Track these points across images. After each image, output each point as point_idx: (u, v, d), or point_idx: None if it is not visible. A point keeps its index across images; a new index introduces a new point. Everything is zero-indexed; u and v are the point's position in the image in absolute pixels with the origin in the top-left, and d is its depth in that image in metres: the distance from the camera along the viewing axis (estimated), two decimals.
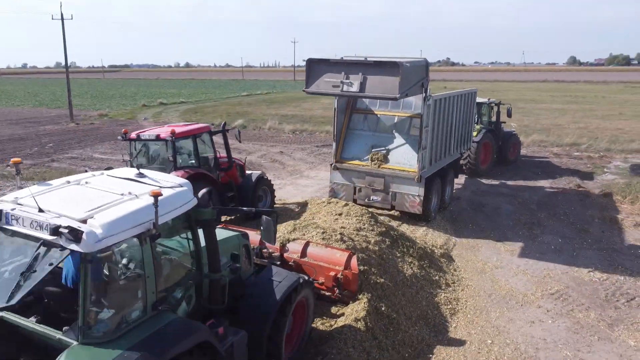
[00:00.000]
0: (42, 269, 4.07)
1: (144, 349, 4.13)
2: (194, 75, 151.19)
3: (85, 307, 4.10)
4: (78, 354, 4.04)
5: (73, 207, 4.37)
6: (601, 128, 31.50)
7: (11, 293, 3.97)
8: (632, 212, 14.30)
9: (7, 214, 4.35)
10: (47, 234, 4.08)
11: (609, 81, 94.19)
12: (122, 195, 4.67)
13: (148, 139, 11.07)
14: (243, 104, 49.87)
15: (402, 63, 10.29)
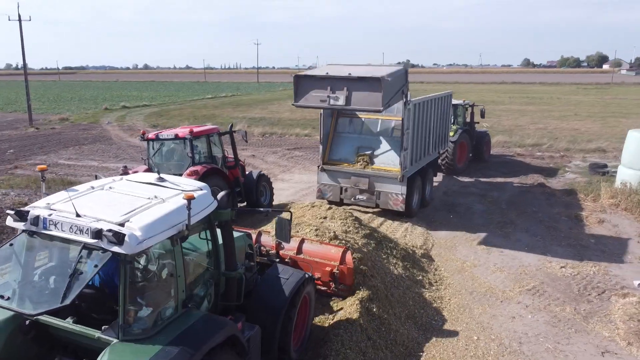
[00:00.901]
0: (88, 270, 4.19)
1: (181, 344, 4.33)
2: (154, 78, 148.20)
3: (124, 306, 4.28)
4: (120, 351, 4.20)
5: (108, 212, 4.52)
6: (559, 128, 32.88)
7: (64, 294, 4.06)
8: (595, 209, 15.05)
9: (44, 219, 4.42)
10: (88, 238, 4.23)
11: (562, 83, 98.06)
12: (149, 200, 4.85)
13: (167, 138, 12.33)
14: (208, 107, 49.38)
15: (384, 78, 10.78)
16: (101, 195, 4.97)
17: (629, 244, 12.37)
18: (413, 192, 13.82)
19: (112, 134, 31.19)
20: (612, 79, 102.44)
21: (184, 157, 12.37)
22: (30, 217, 4.46)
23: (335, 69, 11.97)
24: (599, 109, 46.09)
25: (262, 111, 45.24)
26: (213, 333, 4.66)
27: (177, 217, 4.64)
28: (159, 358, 4.17)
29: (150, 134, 12.60)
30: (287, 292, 6.24)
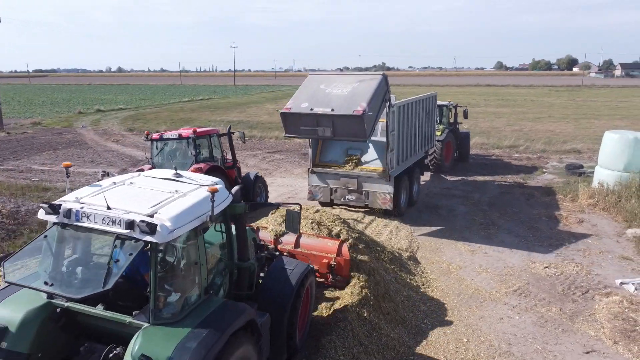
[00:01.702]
0: (123, 259, 4.43)
1: (208, 327, 4.63)
2: (128, 81, 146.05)
3: (155, 292, 4.57)
4: (152, 334, 4.47)
5: (136, 205, 4.80)
6: (534, 130, 33.49)
7: (105, 279, 4.30)
8: (574, 210, 15.32)
9: (77, 212, 4.65)
10: (121, 229, 4.49)
11: (535, 85, 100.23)
12: (172, 193, 5.18)
13: (171, 138, 13.20)
14: (185, 110, 48.79)
15: (365, 114, 11.40)
16: (125, 190, 5.23)
17: (608, 243, 12.61)
18: (400, 191, 14.22)
19: (88, 138, 30.53)
20: (583, 82, 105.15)
21: (187, 156, 13.10)
22: (62, 210, 4.68)
23: (319, 99, 12.27)
24: (571, 110, 47.17)
25: (240, 114, 44.93)
26: (235, 317, 4.97)
27: (201, 209, 4.98)
28: (189, 340, 4.43)
29: (154, 134, 13.49)
30: (294, 282, 6.51)
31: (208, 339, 4.49)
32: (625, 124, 35.65)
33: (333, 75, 13.48)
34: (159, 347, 4.32)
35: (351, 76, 13.09)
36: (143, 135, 13.59)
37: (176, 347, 4.33)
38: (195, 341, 4.41)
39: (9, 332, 4.62)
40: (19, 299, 4.89)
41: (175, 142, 13.36)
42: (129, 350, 4.36)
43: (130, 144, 28.69)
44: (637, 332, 8.33)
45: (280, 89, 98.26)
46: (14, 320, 4.67)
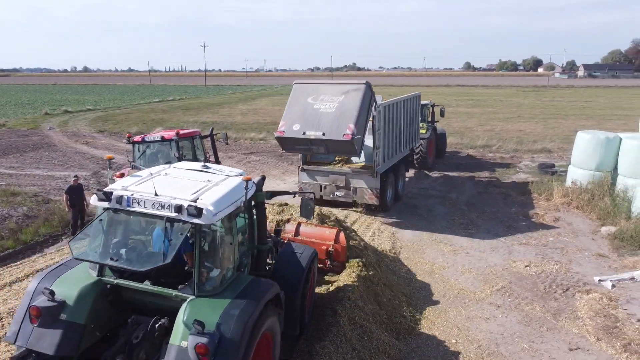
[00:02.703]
0: (175, 238, 5.06)
1: (245, 299, 5.22)
2: (95, 80, 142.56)
3: (199, 268, 5.16)
4: (198, 304, 5.08)
5: (178, 191, 5.38)
6: (505, 130, 34.16)
7: (163, 255, 4.95)
8: (549, 208, 15.66)
9: (128, 198, 5.20)
10: (170, 212, 5.06)
11: (503, 85, 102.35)
12: (206, 182, 5.75)
13: (153, 140, 13.03)
14: (157, 111, 47.90)
15: (354, 138, 12.41)
16: (163, 179, 5.76)
17: (584, 241, 12.92)
18: (387, 187, 14.85)
19: (56, 140, 29.61)
20: (548, 82, 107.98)
21: (169, 158, 12.73)
22: (114, 197, 5.23)
23: (309, 118, 13.14)
24: (539, 110, 48.33)
25: (214, 115, 44.38)
26: (266, 291, 5.58)
27: (236, 196, 5.63)
28: (232, 308, 5.05)
29: (136, 136, 13.32)
30: (304, 264, 7.11)
31: (247, 308, 5.11)
32: (591, 124, 36.72)
33: (318, 85, 14.02)
34: (207, 315, 4.92)
35: (336, 86, 13.61)
36: (125, 137, 13.55)
37: (222, 314, 4.97)
38: (237, 309, 5.04)
39: (67, 305, 5.16)
40: (72, 277, 5.46)
41: (158, 144, 13.17)
42: (179, 318, 4.96)
43: (101, 146, 27.96)
44: (618, 328, 8.54)
45: (252, 89, 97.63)
46: (71, 295, 5.22)
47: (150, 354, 5.30)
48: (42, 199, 16.26)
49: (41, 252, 11.93)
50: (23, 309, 5.19)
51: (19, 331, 5.07)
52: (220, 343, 4.79)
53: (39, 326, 5.04)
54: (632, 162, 14.76)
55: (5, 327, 7.93)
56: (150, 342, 5.29)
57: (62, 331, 5.03)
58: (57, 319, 5.08)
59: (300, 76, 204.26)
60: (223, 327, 4.88)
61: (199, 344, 4.69)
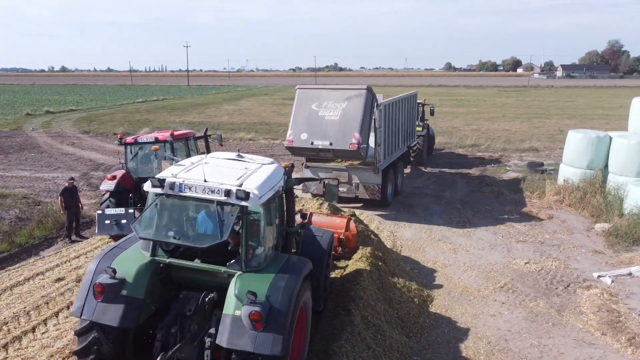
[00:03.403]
0: (226, 219, 5.67)
1: (287, 273, 5.79)
2: (75, 81, 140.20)
3: (246, 246, 5.73)
4: (247, 278, 5.62)
5: (224, 178, 5.89)
6: (492, 129, 34.58)
7: (220, 233, 5.53)
8: (542, 206, 15.91)
9: (180, 184, 5.74)
10: (220, 196, 5.60)
11: (484, 85, 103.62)
12: (246, 169, 6.27)
13: (147, 142, 12.71)
14: (141, 111, 47.34)
15: (360, 147, 13.18)
16: (206, 167, 6.07)
17: (579, 238, 13.16)
18: (387, 182, 15.31)
19: (40, 142, 29.04)
20: (529, 82, 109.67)
21: (163, 159, 12.32)
22: (167, 184, 5.76)
23: (315, 127, 13.77)
24: (522, 110, 49.06)
25: (200, 115, 44.03)
26: (303, 267, 6.13)
27: (275, 181, 6.23)
28: (277, 281, 5.60)
29: (128, 138, 12.98)
30: (325, 247, 7.72)
31: (290, 281, 5.67)
32: (574, 123, 37.37)
33: (321, 90, 14.48)
34: (256, 287, 5.44)
35: (338, 91, 14.08)
36: (116, 139, 13.16)
37: (269, 287, 5.50)
38: (282, 282, 5.60)
39: (127, 282, 5.62)
40: (128, 257, 5.95)
41: (151, 145, 12.82)
42: (231, 290, 5.52)
43: (87, 146, 27.53)
44: (622, 322, 8.72)
45: (235, 89, 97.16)
46: (130, 273, 5.70)
47: (201, 325, 5.79)
48: (33, 201, 15.94)
49: (37, 255, 11.70)
50: (86, 287, 5.64)
51: (84, 306, 5.52)
52: (270, 311, 5.32)
53: (102, 301, 5.50)
54: (622, 160, 15.08)
55: (11, 332, 7.75)
56: (200, 314, 5.80)
57: (124, 305, 5.51)
58: (119, 294, 5.56)
59: (282, 76, 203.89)
60: (272, 297, 5.41)
61: (253, 312, 5.21)
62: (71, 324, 7.91)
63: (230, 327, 5.28)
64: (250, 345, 5.19)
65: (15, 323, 8.01)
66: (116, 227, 11.44)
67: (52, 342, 7.38)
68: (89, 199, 16.08)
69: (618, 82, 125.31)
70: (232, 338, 5.25)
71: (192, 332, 5.70)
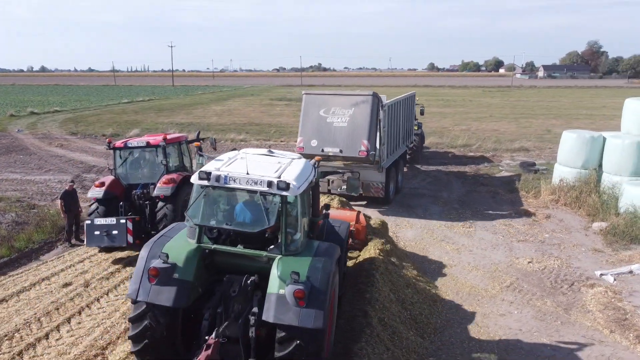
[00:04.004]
0: (270, 207, 6.34)
1: (323, 256, 6.34)
2: (56, 81, 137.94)
3: (286, 232, 6.29)
4: (287, 260, 6.15)
5: (263, 170, 6.41)
6: (481, 129, 34.93)
7: (267, 219, 6.21)
8: (539, 206, 16.13)
9: (225, 177, 6.25)
10: (263, 187, 6.13)
11: (469, 86, 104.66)
12: (279, 163, 6.84)
13: (137, 146, 12.09)
14: (128, 112, 46.80)
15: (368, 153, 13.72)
16: (244, 162, 6.59)
17: (578, 237, 13.38)
18: (390, 180, 15.78)
19: (28, 143, 28.54)
20: (512, 83, 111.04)
21: (155, 165, 12.19)
22: (213, 176, 6.26)
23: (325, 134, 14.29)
24: (508, 110, 49.67)
25: (188, 116, 43.69)
26: (335, 251, 6.70)
27: (307, 174, 6.84)
28: (315, 263, 6.14)
29: (118, 142, 12.30)
30: (343, 235, 8.22)
31: (326, 263, 6.23)
32: (561, 123, 37.99)
33: (327, 96, 14.94)
34: (298, 268, 5.94)
35: (345, 98, 14.57)
36: (105, 143, 12.43)
37: (309, 268, 6.04)
38: (319, 264, 6.15)
39: (178, 266, 6.09)
40: (176, 244, 6.40)
41: (142, 150, 12.31)
42: (274, 272, 5.99)
43: (77, 148, 27.12)
44: (628, 320, 8.90)
45: (221, 89, 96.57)
46: (180, 258, 6.16)
47: (244, 305, 6.28)
48: (28, 205, 15.66)
49: (37, 259, 11.53)
50: (140, 271, 6.09)
51: (139, 289, 5.96)
52: (312, 290, 5.83)
53: (156, 284, 5.96)
54: (617, 160, 15.37)
55: (24, 339, 7.61)
56: (243, 295, 6.27)
57: (176, 287, 5.96)
58: (172, 277, 6.01)
59: (267, 76, 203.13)
60: (312, 277, 5.94)
61: (297, 290, 5.72)
62: (85, 330, 7.82)
63: (276, 304, 5.77)
64: (295, 320, 5.68)
65: (27, 330, 7.88)
66: (107, 238, 10.72)
67: (68, 348, 7.28)
68: (84, 202, 15.84)
69: (598, 82, 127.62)
70: (278, 314, 5.73)
71: (236, 311, 6.23)
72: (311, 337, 5.76)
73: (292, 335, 5.75)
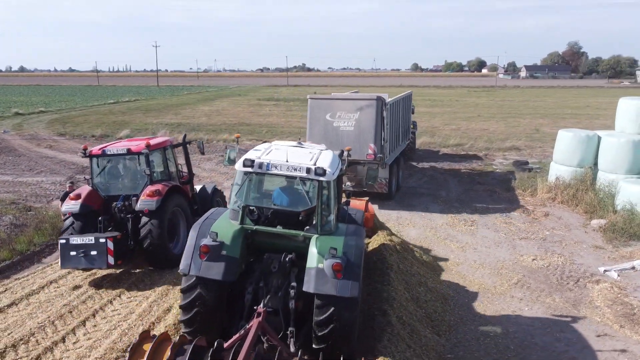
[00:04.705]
0: (310, 190, 7.05)
1: (354, 235, 6.93)
2: (38, 81, 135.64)
3: (321, 213, 6.88)
4: (323, 239, 6.71)
5: (299, 158, 7.08)
6: (471, 129, 35.29)
7: (309, 200, 7.02)
8: (536, 204, 16.36)
9: (267, 164, 6.87)
10: (302, 173, 6.79)
11: (453, 86, 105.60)
12: (311, 153, 7.52)
13: (117, 153, 10.77)
14: (115, 113, 46.25)
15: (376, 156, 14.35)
16: (281, 151, 7.29)
17: (578, 234, 13.60)
18: (392, 176, 16.30)
19: (15, 144, 28.04)
20: (496, 83, 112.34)
21: (137, 174, 10.93)
22: (257, 164, 6.87)
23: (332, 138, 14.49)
24: (496, 110, 50.27)
25: (177, 116, 43.34)
26: (362, 232, 7.38)
27: (337, 163, 7.49)
28: (348, 240, 6.72)
29: (94, 148, 10.84)
30: (359, 222, 8.56)
31: (358, 241, 6.84)
32: (548, 122, 38.65)
33: (332, 101, 15.51)
34: (334, 245, 6.51)
35: (349, 102, 15.15)
36: (80, 150, 11.08)
37: (344, 245, 6.60)
38: (352, 241, 6.74)
39: (225, 244, 6.63)
40: (222, 225, 6.93)
41: (123, 158, 10.99)
42: (312, 249, 6.59)
43: (66, 149, 26.73)
44: (636, 315, 9.07)
45: (207, 89, 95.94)
46: (227, 237, 6.71)
47: (283, 280, 6.86)
48: (24, 207, 15.39)
49: (40, 262, 11.34)
50: (191, 249, 6.62)
51: (191, 264, 6.50)
52: (348, 263, 6.39)
53: (207, 260, 6.49)
54: (612, 158, 15.65)
55: (40, 343, 7.47)
56: (282, 271, 6.87)
57: (225, 263, 6.51)
58: (220, 254, 6.54)
59: (251, 77, 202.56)
60: (347, 253, 6.51)
61: (335, 263, 6.28)
62: (102, 333, 7.72)
63: (315, 276, 6.37)
64: (334, 290, 6.26)
65: (42, 334, 7.73)
66: (84, 260, 9.44)
67: (87, 352, 7.17)
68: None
69: (579, 82, 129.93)
70: (318, 285, 6.33)
71: (276, 286, 6.82)
72: (347, 305, 6.32)
73: (330, 304, 6.32)
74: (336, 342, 6.40)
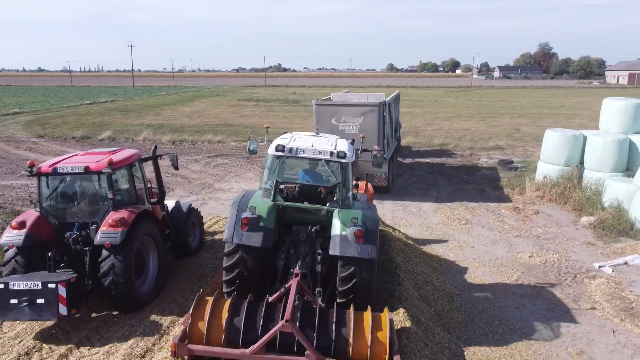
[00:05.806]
0: (335, 170, 8.18)
1: (368, 209, 8.07)
2: (7, 81, 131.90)
3: (342, 190, 7.95)
4: (344, 212, 7.79)
5: (322, 145, 8.28)
6: (452, 129, 35.79)
7: (335, 178, 8.14)
8: (525, 202, 16.73)
9: (296, 149, 8.03)
10: (326, 156, 8.00)
11: (430, 86, 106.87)
12: (329, 141, 8.72)
13: (72, 172, 8.54)
14: (93, 114, 45.34)
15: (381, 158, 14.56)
16: (304, 139, 8.55)
17: (569, 231, 13.97)
18: (390, 171, 17.42)
19: None
20: (472, 83, 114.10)
21: (97, 197, 8.96)
22: (287, 149, 8.01)
23: None
24: (474, 110, 51.10)
25: (157, 117, 42.74)
26: (374, 207, 8.59)
27: (352, 149, 8.61)
28: (365, 212, 7.82)
29: (42, 165, 8.67)
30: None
31: (373, 213, 8.08)
32: (527, 122, 39.52)
33: (337, 107, 16.71)
34: (354, 215, 7.63)
35: (353, 108, 16.39)
36: (26, 167, 8.94)
37: (362, 215, 7.67)
38: (369, 213, 7.87)
39: (262, 217, 7.65)
40: (257, 201, 7.95)
41: (80, 177, 8.85)
42: (336, 219, 7.66)
43: (47, 151, 26.09)
44: (635, 309, 9.39)
45: (184, 90, 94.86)
46: (263, 210, 7.75)
47: (309, 248, 7.95)
48: (11, 210, 14.99)
49: None
50: (232, 221, 7.67)
51: (234, 234, 7.54)
52: (367, 230, 7.47)
53: (247, 230, 7.52)
54: (598, 158, 16.12)
55: (54, 350, 7.30)
56: (309, 241, 7.99)
57: (262, 233, 7.53)
58: (258, 225, 7.57)
59: (227, 77, 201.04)
60: (366, 222, 7.58)
61: (357, 230, 7.36)
62: (118, 337, 7.60)
63: (340, 242, 7.44)
64: (356, 253, 7.33)
65: (55, 340, 7.56)
66: (28, 310, 7.33)
67: (105, 357, 7.06)
68: None
69: (551, 82, 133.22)
70: (342, 249, 7.39)
71: (304, 253, 7.90)
72: (367, 265, 7.41)
73: (352, 264, 7.37)
74: (357, 297, 7.38)
